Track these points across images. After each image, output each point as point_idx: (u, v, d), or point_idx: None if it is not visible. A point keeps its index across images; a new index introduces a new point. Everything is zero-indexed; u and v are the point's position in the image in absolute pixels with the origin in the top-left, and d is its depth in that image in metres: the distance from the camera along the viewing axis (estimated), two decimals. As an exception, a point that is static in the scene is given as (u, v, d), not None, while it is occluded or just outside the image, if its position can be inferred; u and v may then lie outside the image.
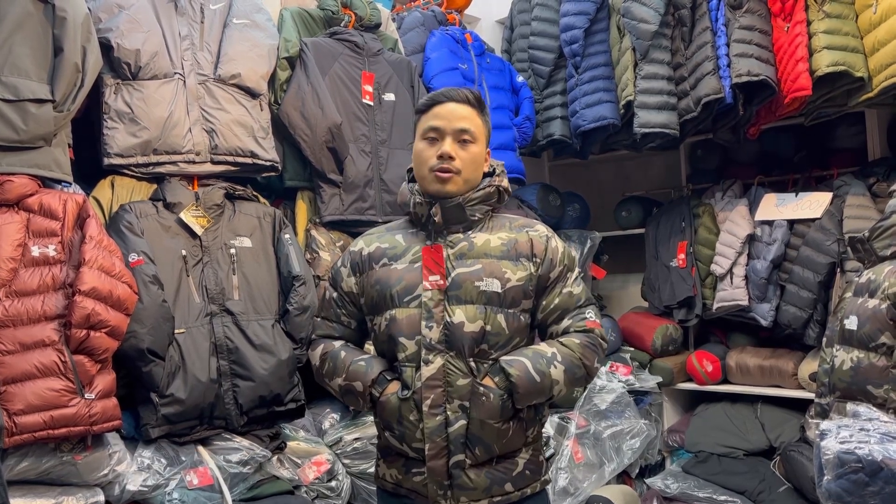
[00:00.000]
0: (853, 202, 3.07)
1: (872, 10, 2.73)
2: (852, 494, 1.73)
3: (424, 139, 1.71)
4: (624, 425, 3.29)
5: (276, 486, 2.26)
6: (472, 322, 1.63)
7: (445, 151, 1.66)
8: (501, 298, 1.65)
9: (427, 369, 1.62)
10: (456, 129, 1.68)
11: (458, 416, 1.62)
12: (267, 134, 2.49)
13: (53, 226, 1.90)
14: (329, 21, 2.84)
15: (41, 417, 1.77)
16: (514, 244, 1.69)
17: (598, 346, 1.69)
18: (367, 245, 1.79)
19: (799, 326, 3.18)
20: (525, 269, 1.68)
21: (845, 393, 2.04)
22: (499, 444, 1.65)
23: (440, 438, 1.62)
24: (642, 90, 3.17)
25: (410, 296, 1.67)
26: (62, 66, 1.98)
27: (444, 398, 1.62)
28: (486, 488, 1.65)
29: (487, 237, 1.70)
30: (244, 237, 2.36)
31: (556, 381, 1.63)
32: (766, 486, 3.08)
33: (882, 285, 1.96)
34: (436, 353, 1.63)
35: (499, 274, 1.66)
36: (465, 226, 1.71)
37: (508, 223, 1.75)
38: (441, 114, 1.69)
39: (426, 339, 1.63)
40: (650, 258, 3.84)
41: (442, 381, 1.62)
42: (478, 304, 1.65)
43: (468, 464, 1.64)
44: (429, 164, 1.68)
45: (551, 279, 1.70)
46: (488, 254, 1.68)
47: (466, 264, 1.67)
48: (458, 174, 1.67)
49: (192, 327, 2.19)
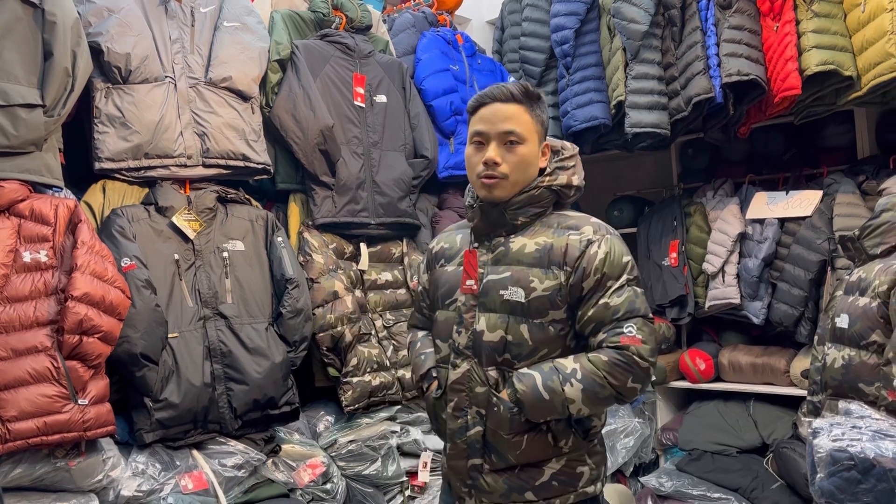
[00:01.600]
0: (843, 200, 3.09)
1: (861, 10, 2.75)
2: (845, 492, 1.74)
3: (472, 144, 1.66)
4: (618, 424, 3.29)
5: (271, 489, 2.25)
6: (492, 331, 1.61)
7: (490, 158, 1.60)
8: (525, 308, 1.59)
9: (454, 373, 1.64)
10: (500, 131, 1.61)
11: (476, 421, 1.62)
12: (258, 137, 2.48)
13: (45, 231, 1.90)
14: (320, 23, 2.84)
15: (34, 424, 1.76)
16: (549, 250, 1.60)
17: (632, 364, 1.53)
18: (436, 244, 1.83)
19: (790, 324, 3.20)
20: (555, 278, 1.58)
21: (837, 391, 2.06)
22: (513, 454, 1.61)
23: (460, 441, 1.64)
24: (633, 90, 3.18)
25: (450, 299, 1.69)
26: (52, 70, 1.97)
27: (467, 402, 1.63)
28: (505, 493, 1.64)
29: (525, 242, 1.63)
30: (237, 240, 2.36)
31: (571, 400, 1.54)
32: (759, 483, 3.09)
33: (872, 283, 1.97)
34: (463, 358, 1.64)
35: (525, 283, 1.59)
36: (507, 229, 1.66)
37: (556, 224, 1.65)
38: (486, 116, 1.63)
39: (455, 344, 1.65)
40: (642, 257, 3.85)
41: (465, 386, 1.63)
42: (501, 312, 1.61)
43: (486, 468, 1.64)
44: (476, 171, 1.63)
45: (586, 289, 1.58)
46: (521, 260, 1.62)
47: (498, 271, 1.63)
48: (504, 179, 1.61)
49: (186, 331, 2.18)
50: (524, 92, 1.63)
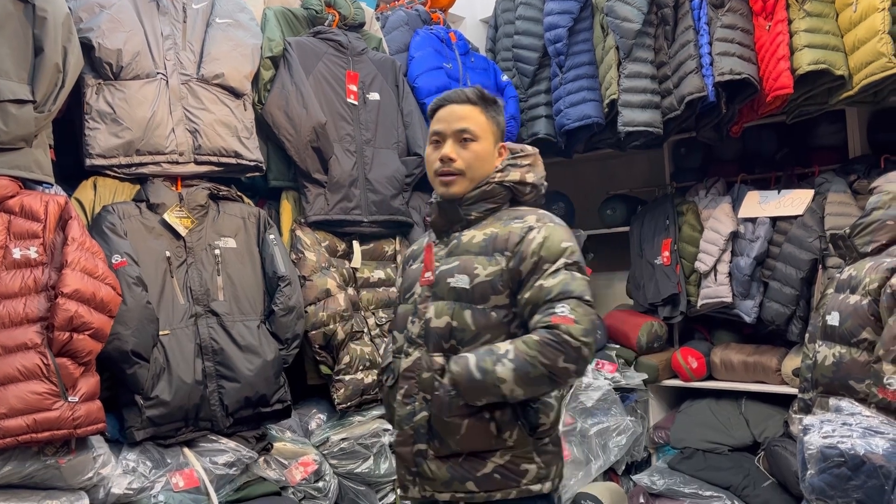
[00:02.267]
0: (834, 199, 3.10)
1: (853, 9, 2.76)
2: (835, 489, 1.74)
3: (430, 144, 1.76)
4: (610, 422, 3.30)
5: (263, 487, 2.25)
6: (439, 318, 1.67)
7: (444, 154, 1.70)
8: (469, 294, 1.64)
9: (405, 361, 1.71)
10: (455, 130, 1.71)
11: (422, 407, 1.67)
12: (251, 134, 2.48)
13: (35, 227, 1.88)
14: (313, 20, 2.83)
15: (24, 421, 1.75)
16: (494, 239, 1.66)
17: (562, 343, 1.51)
18: (410, 249, 1.92)
19: (782, 323, 3.21)
20: (497, 264, 1.63)
21: (828, 388, 2.06)
22: (453, 440, 1.63)
23: (408, 427, 1.69)
24: (626, 89, 3.19)
25: (409, 293, 1.79)
26: (43, 66, 1.96)
27: (416, 389, 1.69)
28: (447, 482, 1.66)
29: (474, 234, 1.70)
30: (229, 238, 2.35)
31: (503, 380, 1.53)
32: (751, 480, 3.10)
33: (863, 281, 1.98)
34: (415, 346, 1.70)
35: (469, 270, 1.65)
36: (462, 224, 1.74)
37: (506, 217, 1.71)
38: (442, 117, 1.73)
39: (409, 333, 1.73)
40: (635, 256, 3.86)
41: (415, 373, 1.69)
42: (448, 300, 1.67)
43: (431, 455, 1.67)
44: (433, 168, 1.73)
45: (524, 273, 1.61)
46: (469, 250, 1.69)
47: (449, 262, 1.71)
48: (460, 175, 1.70)
49: (177, 329, 2.17)
50: (479, 95, 1.73)
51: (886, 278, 1.90)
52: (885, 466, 1.69)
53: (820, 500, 1.79)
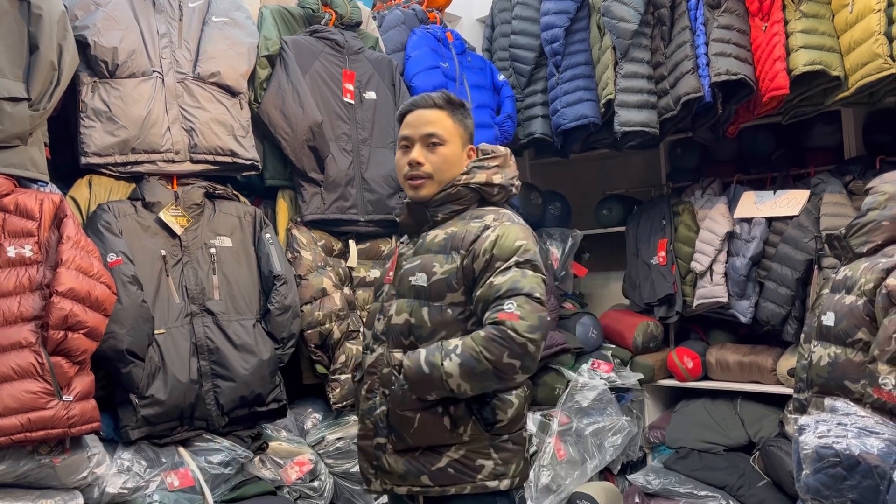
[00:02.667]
0: (830, 200, 3.11)
1: (848, 10, 2.76)
2: (830, 488, 1.75)
3: (399, 148, 1.81)
4: (606, 422, 3.30)
5: (258, 486, 2.24)
6: (399, 315, 1.73)
7: (413, 158, 1.74)
8: (427, 292, 1.69)
9: (369, 357, 1.79)
10: (423, 134, 1.75)
11: (382, 401, 1.73)
12: (247, 133, 2.47)
13: (30, 226, 1.87)
14: (309, 19, 2.83)
15: (18, 420, 1.74)
16: (453, 237, 1.70)
17: (506, 339, 1.53)
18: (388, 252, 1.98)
19: (777, 323, 3.22)
20: (454, 261, 1.67)
21: (823, 388, 2.07)
22: (407, 433, 1.68)
23: (369, 421, 1.75)
24: (622, 89, 3.19)
25: (379, 291, 1.86)
26: (38, 63, 1.95)
27: (378, 384, 1.74)
28: (403, 475, 1.71)
29: (437, 233, 1.75)
30: (224, 236, 2.34)
31: (450, 374, 1.56)
32: (746, 480, 3.11)
33: (858, 282, 1.99)
34: (379, 343, 1.77)
35: (428, 268, 1.70)
36: (429, 226, 1.79)
37: (469, 216, 1.74)
38: (410, 122, 1.78)
39: (375, 331, 1.79)
40: (631, 256, 3.86)
41: (377, 368, 1.75)
42: (408, 297, 1.73)
43: (389, 448, 1.72)
44: (402, 173, 1.78)
45: (477, 271, 1.63)
46: (430, 249, 1.74)
47: (412, 261, 1.76)
48: (429, 178, 1.74)
49: (172, 328, 2.17)
50: (446, 99, 1.77)
51: (882, 279, 1.91)
52: (880, 466, 1.69)
53: (815, 499, 1.79)
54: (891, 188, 2.08)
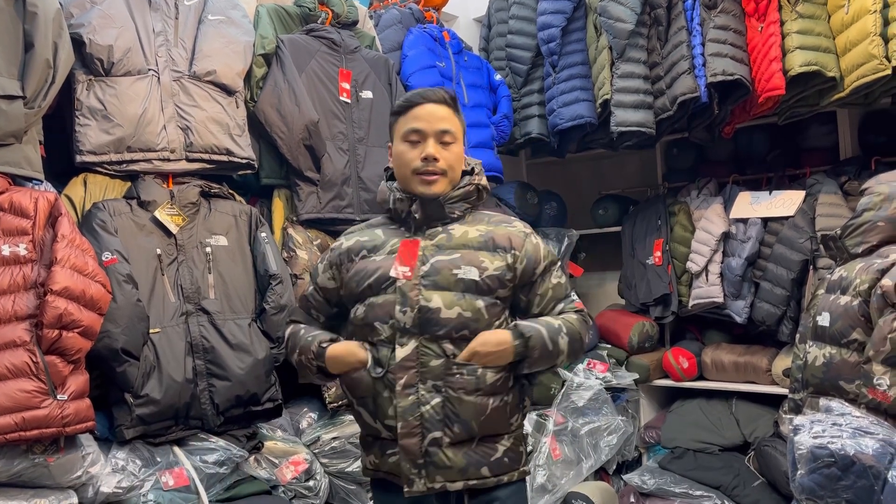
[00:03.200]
0: (825, 200, 3.11)
1: (844, 11, 2.77)
2: (825, 489, 1.75)
3: (406, 141, 1.75)
4: (601, 422, 3.30)
5: (254, 486, 2.24)
6: (450, 308, 1.69)
7: (430, 153, 1.71)
8: (478, 286, 1.70)
9: (401, 351, 1.69)
10: (437, 130, 1.73)
11: (432, 395, 1.67)
12: (243, 131, 2.47)
13: (24, 224, 1.87)
14: (306, 18, 2.82)
15: (12, 419, 1.74)
16: (492, 236, 1.75)
17: (588, 323, 1.82)
18: (346, 241, 1.86)
19: (773, 323, 3.22)
20: (502, 259, 1.73)
21: (818, 388, 2.07)
22: (476, 421, 1.68)
23: (412, 417, 1.67)
24: (619, 89, 3.19)
25: (387, 282, 1.73)
26: (33, 61, 1.94)
27: (417, 378, 1.68)
28: (463, 469, 1.69)
29: (466, 229, 1.76)
30: (220, 235, 2.34)
31: (563, 351, 1.72)
32: (741, 480, 3.11)
33: (854, 282, 1.99)
34: (409, 335, 1.69)
35: (476, 262, 1.71)
36: (443, 222, 1.78)
37: (487, 219, 1.81)
38: (421, 115, 1.73)
39: (400, 323, 1.69)
40: (627, 256, 3.87)
41: (415, 361, 1.68)
42: (455, 290, 1.70)
43: (446, 441, 1.68)
44: (412, 167, 1.73)
45: (537, 273, 1.77)
46: (467, 245, 1.74)
47: (445, 253, 1.73)
48: (443, 175, 1.73)
49: (168, 327, 2.16)
50: (452, 97, 1.79)
51: (877, 279, 1.91)
52: (874, 467, 1.69)
53: (810, 499, 1.80)
54: (886, 189, 2.08)
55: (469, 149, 3.15)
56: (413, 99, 1.76)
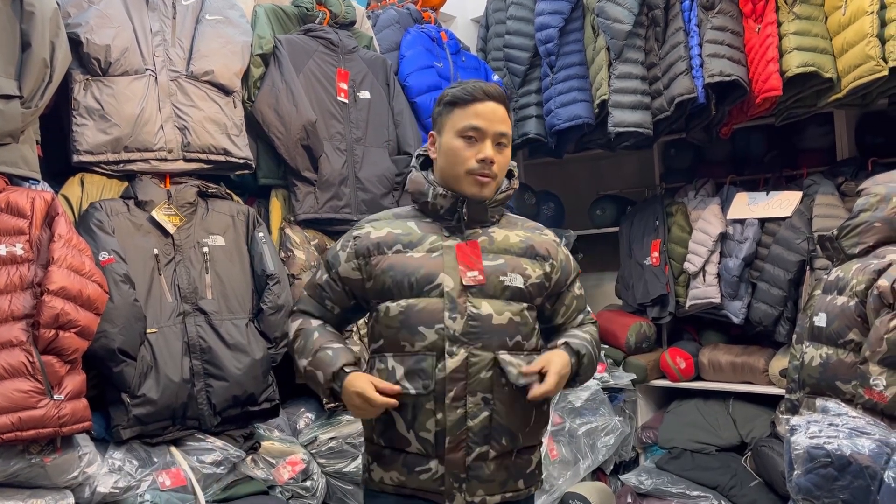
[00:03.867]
0: (822, 201, 3.12)
1: (841, 12, 2.78)
2: (821, 489, 1.75)
3: (462, 137, 1.64)
4: (598, 422, 3.31)
5: (251, 486, 2.24)
6: (500, 315, 1.64)
7: (489, 156, 1.63)
8: (523, 293, 1.69)
9: (451, 361, 1.59)
10: (497, 132, 1.65)
11: (480, 408, 1.61)
12: (240, 131, 2.46)
13: (21, 224, 1.86)
14: (303, 18, 2.82)
15: (9, 419, 1.73)
16: (532, 243, 1.74)
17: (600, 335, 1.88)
18: (375, 230, 1.72)
19: (770, 324, 3.23)
20: (542, 268, 1.72)
21: (815, 389, 2.07)
22: (522, 431, 1.67)
23: (460, 432, 1.60)
24: (616, 89, 3.19)
25: (430, 285, 1.63)
26: (30, 61, 1.94)
27: (466, 391, 1.60)
28: (503, 482, 1.67)
29: (506, 233, 1.73)
30: (217, 235, 2.33)
31: (596, 364, 1.77)
32: (738, 480, 3.12)
33: (850, 283, 1.99)
34: (459, 344, 1.60)
35: (521, 270, 1.69)
36: (482, 224, 1.73)
37: (520, 223, 1.80)
38: (483, 113, 1.64)
39: (449, 331, 1.60)
40: (624, 256, 3.87)
41: (464, 373, 1.60)
42: (502, 298, 1.66)
43: (492, 455, 1.63)
44: (467, 166, 1.64)
45: (567, 284, 1.79)
46: (509, 250, 1.71)
47: (489, 258, 1.68)
48: (494, 179, 1.67)
49: (165, 327, 2.16)
50: (507, 96, 1.73)
51: (873, 280, 1.91)
52: (871, 467, 1.70)
53: (806, 500, 1.80)
54: (883, 189, 2.08)
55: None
56: (475, 93, 1.64)
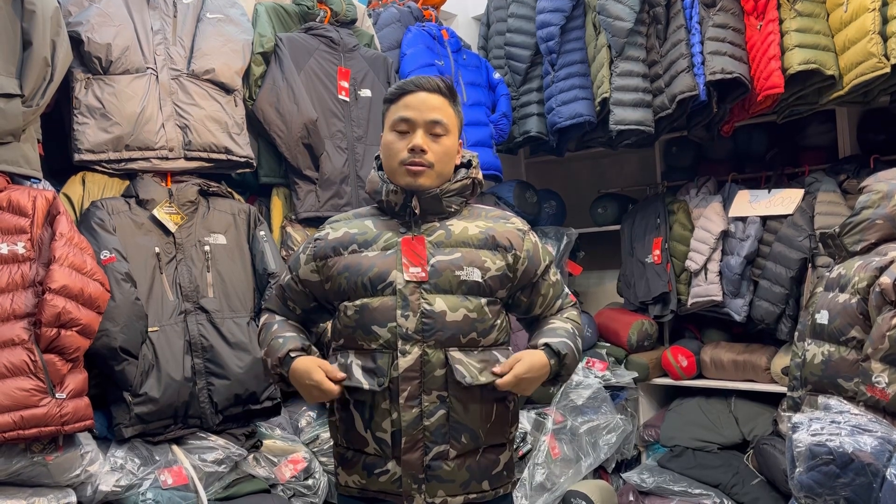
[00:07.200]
0: (824, 199, 3.11)
1: (843, 9, 2.77)
2: (823, 486, 1.75)
3: (394, 131, 1.64)
4: (600, 420, 3.30)
5: (252, 484, 2.24)
6: (455, 311, 1.59)
7: (417, 144, 1.60)
8: (481, 287, 1.63)
9: (404, 360, 1.57)
10: (427, 120, 1.62)
11: (436, 406, 1.58)
12: (241, 130, 2.47)
13: (22, 223, 1.87)
14: (304, 16, 2.82)
15: (11, 418, 1.73)
16: (493, 234, 1.67)
17: (579, 311, 1.84)
18: (333, 231, 1.72)
19: (771, 321, 3.22)
20: (503, 259, 1.66)
21: (816, 386, 2.07)
22: (483, 428, 1.62)
23: (416, 431, 1.58)
24: (618, 87, 3.19)
25: (383, 283, 1.61)
26: (31, 60, 1.94)
27: (420, 389, 1.58)
28: (465, 482, 1.62)
29: (465, 225, 1.67)
30: (218, 234, 2.34)
31: (580, 355, 1.73)
32: (740, 479, 3.12)
33: (852, 280, 1.99)
34: (412, 342, 1.58)
35: (478, 263, 1.63)
36: (440, 216, 1.68)
37: (484, 213, 1.73)
38: (412, 104, 1.63)
39: (402, 329, 1.58)
40: (626, 255, 3.87)
41: (418, 371, 1.58)
42: (458, 293, 1.61)
43: (452, 454, 1.60)
44: (399, 158, 1.62)
45: (538, 274, 1.72)
46: (467, 242, 1.65)
47: (445, 252, 1.63)
48: (430, 168, 1.62)
49: (166, 325, 2.16)
50: (448, 86, 1.67)
51: (875, 277, 1.91)
52: (873, 464, 1.69)
53: (808, 497, 1.80)
54: (885, 187, 2.08)
55: (468, 147, 3.15)
56: (405, 86, 1.64)
